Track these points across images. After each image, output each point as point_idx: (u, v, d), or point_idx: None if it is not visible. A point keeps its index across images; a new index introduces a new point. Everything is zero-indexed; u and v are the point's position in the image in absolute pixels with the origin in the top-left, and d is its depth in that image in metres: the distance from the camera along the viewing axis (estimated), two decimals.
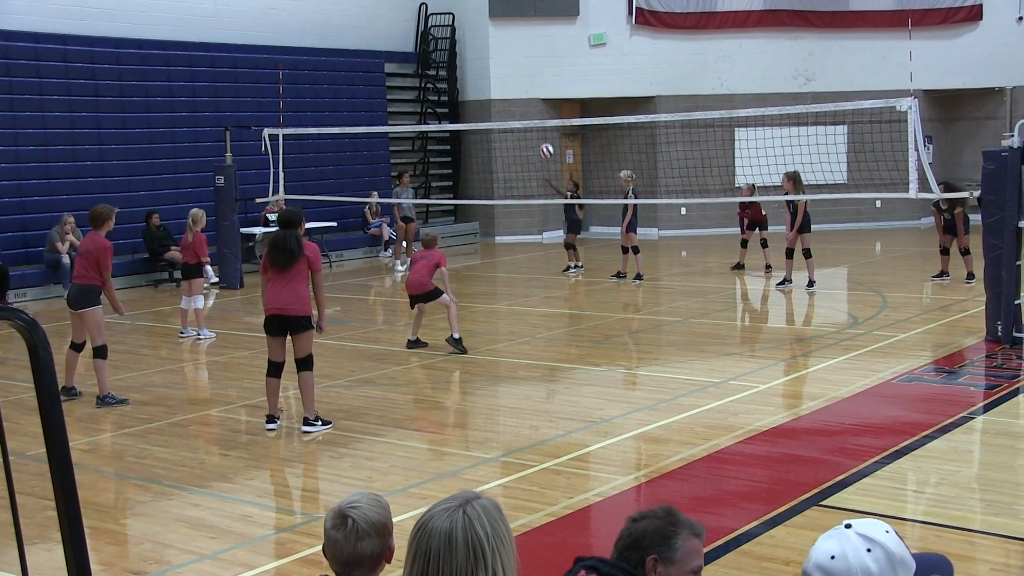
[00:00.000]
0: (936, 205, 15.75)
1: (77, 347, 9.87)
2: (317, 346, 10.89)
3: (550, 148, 18.27)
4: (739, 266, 17.94)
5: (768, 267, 17.23)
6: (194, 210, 13.42)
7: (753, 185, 17.90)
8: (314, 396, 8.69)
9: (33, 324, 2.18)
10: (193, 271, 13.17)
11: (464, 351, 11.49)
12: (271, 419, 8.69)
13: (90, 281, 9.60)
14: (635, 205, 17.23)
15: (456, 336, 11.60)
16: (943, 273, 15.74)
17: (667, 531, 2.77)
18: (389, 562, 2.80)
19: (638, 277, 16.81)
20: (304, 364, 8.60)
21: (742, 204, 17.78)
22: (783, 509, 6.30)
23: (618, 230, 17.91)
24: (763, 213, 17.60)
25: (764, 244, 17.46)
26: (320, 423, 8.60)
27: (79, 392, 9.97)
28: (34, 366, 2.18)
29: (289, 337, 8.62)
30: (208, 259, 13.43)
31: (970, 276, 15.34)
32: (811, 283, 15.54)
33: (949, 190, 14.69)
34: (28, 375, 2.22)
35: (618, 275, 17.20)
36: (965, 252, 15.51)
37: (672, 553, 2.75)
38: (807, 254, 15.57)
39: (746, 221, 17.78)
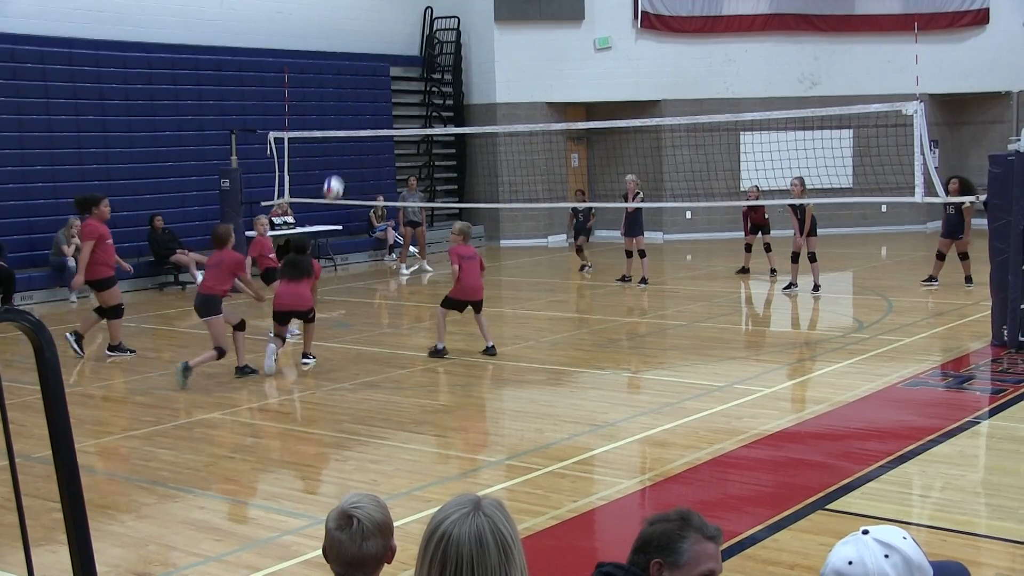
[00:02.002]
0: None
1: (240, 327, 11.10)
2: (322, 349, 10.92)
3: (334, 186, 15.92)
4: (744, 270, 17.92)
5: (773, 271, 17.20)
6: (257, 218, 14.06)
7: (758, 187, 17.92)
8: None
9: (39, 326, 2.19)
10: (271, 276, 13.34)
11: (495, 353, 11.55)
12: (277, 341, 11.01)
13: (216, 290, 10.86)
14: (640, 209, 17.21)
15: (491, 344, 11.54)
16: (931, 278, 15.71)
17: (674, 535, 2.74)
18: (390, 563, 2.79)
19: (643, 281, 16.80)
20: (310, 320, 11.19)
21: (748, 206, 17.80)
22: (788, 513, 6.29)
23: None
24: (766, 217, 17.59)
25: (768, 248, 17.41)
26: (313, 358, 11.14)
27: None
28: (40, 368, 2.19)
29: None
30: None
31: (968, 280, 15.37)
32: (816, 287, 15.53)
33: (963, 185, 14.69)
34: (34, 377, 2.22)
35: (623, 279, 17.20)
36: (964, 256, 15.51)
37: (677, 557, 2.72)
38: (812, 258, 15.56)
39: (749, 224, 17.76)
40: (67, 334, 12.08)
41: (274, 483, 7.38)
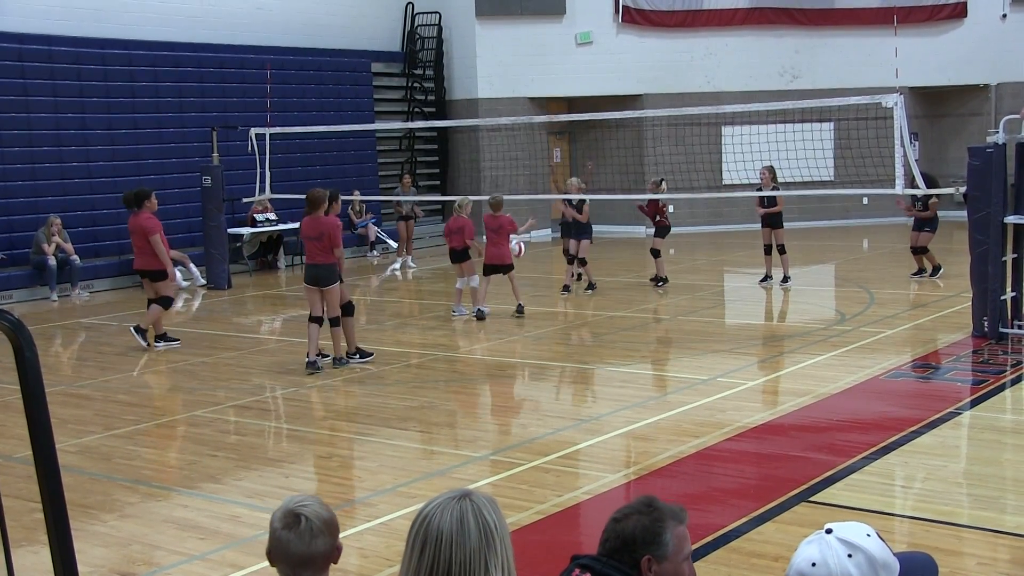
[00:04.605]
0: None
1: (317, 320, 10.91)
2: (304, 346, 10.87)
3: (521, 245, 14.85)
4: (660, 280, 16.03)
5: (661, 280, 15.95)
6: (460, 197, 14.52)
7: (662, 180, 16.46)
8: (342, 340, 10.92)
9: (18, 325, 2.18)
10: (461, 255, 13.79)
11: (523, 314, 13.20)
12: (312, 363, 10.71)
13: (327, 260, 10.67)
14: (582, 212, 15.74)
15: (521, 304, 13.40)
16: (922, 270, 15.82)
17: (654, 528, 2.76)
18: (336, 563, 2.76)
19: (591, 286, 15.68)
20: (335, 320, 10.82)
21: (649, 202, 16.14)
22: (771, 506, 6.31)
23: (612, 228, 17.69)
24: (664, 218, 16.03)
25: (656, 254, 15.96)
26: (359, 356, 10.98)
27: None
28: (20, 367, 2.18)
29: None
30: (472, 243, 13.87)
31: (936, 270, 15.54)
32: (786, 279, 15.56)
33: (928, 181, 14.74)
34: (14, 377, 2.21)
35: (566, 289, 15.71)
36: (923, 251, 15.64)
37: (664, 549, 2.74)
38: (781, 250, 15.54)
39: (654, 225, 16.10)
40: (155, 345, 12.30)
41: (257, 481, 7.36)
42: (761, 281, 15.86)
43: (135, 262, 12.76)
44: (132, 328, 12.43)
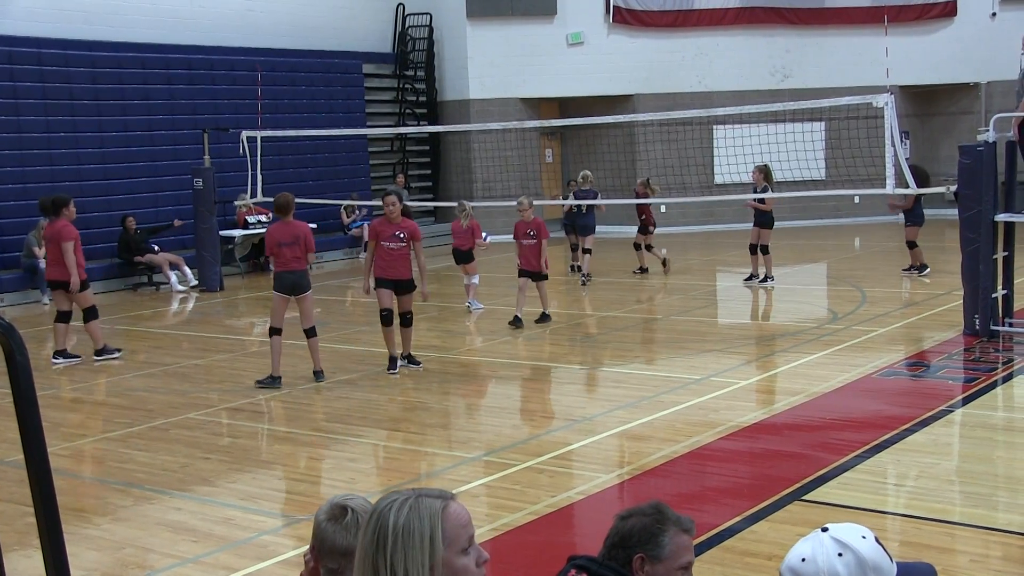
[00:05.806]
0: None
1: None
2: (296, 347, 10.86)
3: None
4: (656, 267, 17.34)
5: (646, 269, 17.08)
6: (466, 204, 14.87)
7: (647, 181, 17.32)
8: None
9: (9, 329, 2.17)
10: (466, 256, 14.36)
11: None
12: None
13: (302, 266, 10.30)
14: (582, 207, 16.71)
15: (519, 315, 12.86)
16: (923, 266, 15.86)
17: (653, 528, 2.76)
18: None
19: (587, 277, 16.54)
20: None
21: (640, 206, 17.07)
22: (765, 504, 6.32)
23: (605, 228, 17.84)
24: (649, 215, 17.13)
25: (647, 247, 17.01)
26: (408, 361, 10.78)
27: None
28: (11, 371, 2.17)
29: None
30: (483, 240, 14.72)
31: (922, 267, 15.67)
32: (766, 278, 15.58)
33: (916, 174, 14.74)
34: (6, 381, 2.20)
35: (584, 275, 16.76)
36: (911, 245, 15.70)
37: (659, 551, 2.74)
38: (764, 250, 15.57)
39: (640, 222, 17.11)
40: (53, 361, 11.63)
41: (251, 483, 7.35)
42: (746, 280, 15.89)
43: (47, 272, 11.90)
44: (53, 361, 11.70)
